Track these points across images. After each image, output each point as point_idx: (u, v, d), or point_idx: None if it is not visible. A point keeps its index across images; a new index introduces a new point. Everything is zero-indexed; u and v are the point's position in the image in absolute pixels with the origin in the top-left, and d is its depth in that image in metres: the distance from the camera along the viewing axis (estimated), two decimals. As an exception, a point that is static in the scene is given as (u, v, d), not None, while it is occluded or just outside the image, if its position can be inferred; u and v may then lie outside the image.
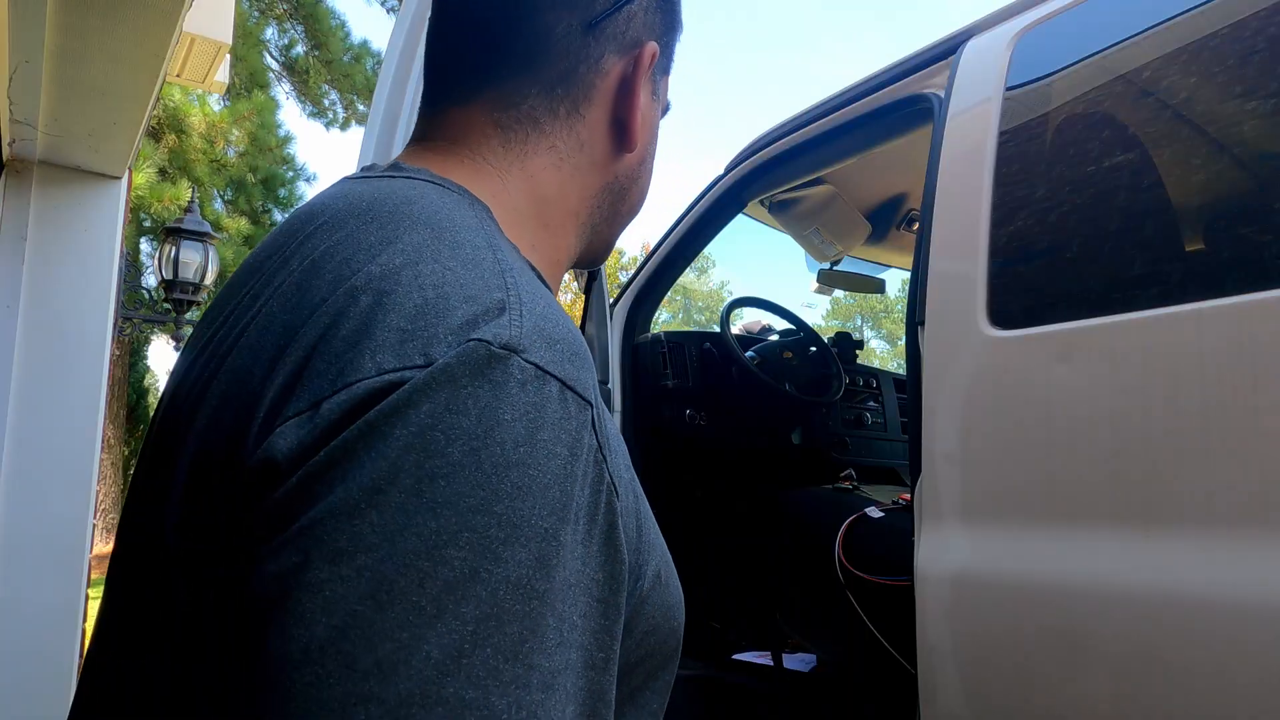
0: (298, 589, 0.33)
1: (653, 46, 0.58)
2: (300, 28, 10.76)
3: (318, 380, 0.37)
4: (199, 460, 0.41)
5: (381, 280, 0.40)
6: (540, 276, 0.49)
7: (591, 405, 0.40)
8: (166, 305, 6.07)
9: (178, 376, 0.49)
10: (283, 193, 10.69)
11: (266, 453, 0.36)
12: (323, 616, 0.32)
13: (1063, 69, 1.31)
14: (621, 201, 0.62)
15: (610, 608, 0.39)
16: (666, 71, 0.63)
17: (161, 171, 8.49)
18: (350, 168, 1.44)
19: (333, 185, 0.53)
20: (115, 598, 0.48)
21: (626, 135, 0.58)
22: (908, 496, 1.68)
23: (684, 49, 0.65)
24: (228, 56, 3.12)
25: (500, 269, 0.43)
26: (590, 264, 0.65)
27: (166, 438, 0.46)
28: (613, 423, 0.54)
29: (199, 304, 6.33)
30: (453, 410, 0.35)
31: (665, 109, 0.65)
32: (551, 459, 0.37)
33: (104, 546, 10.07)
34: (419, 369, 0.36)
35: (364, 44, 11.01)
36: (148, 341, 11.74)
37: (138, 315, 6.19)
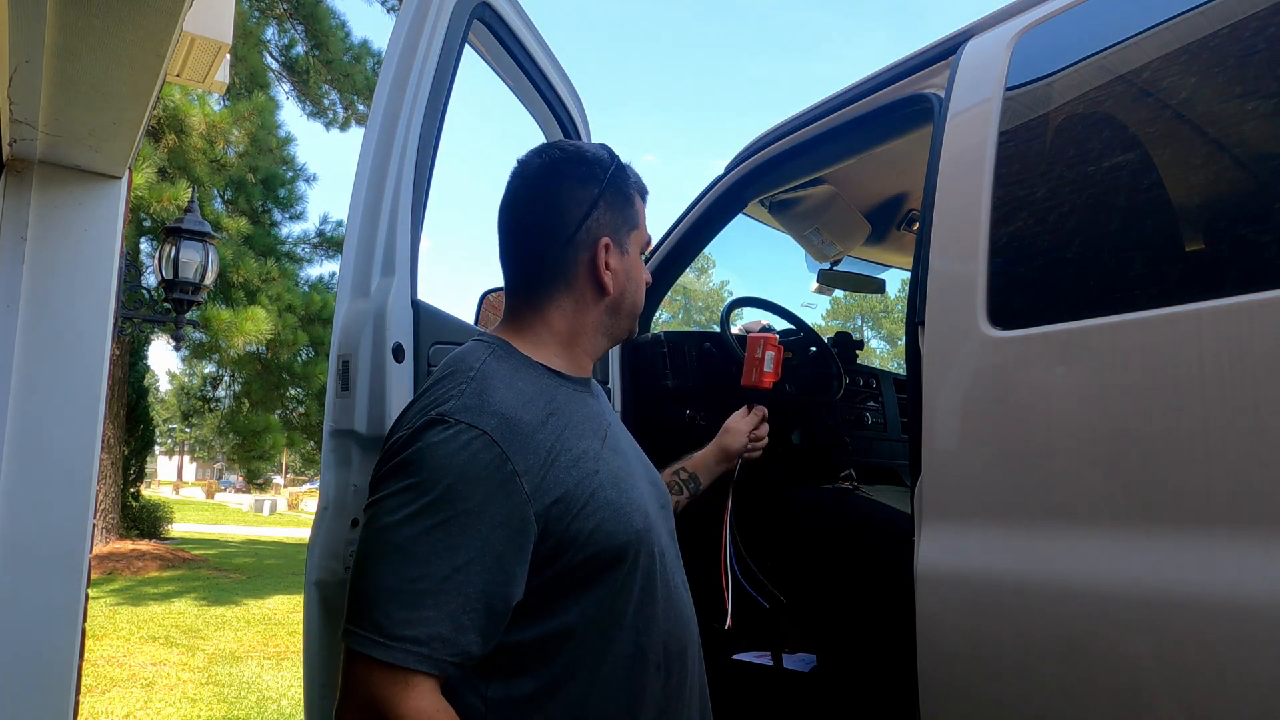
0: (369, 510, 0.94)
1: (605, 240, 1.08)
2: (300, 28, 10.76)
3: (394, 434, 1.00)
4: None
5: (421, 395, 1.01)
6: (549, 367, 1.07)
7: (482, 431, 0.92)
8: (166, 305, 6.07)
9: None
10: (283, 193, 10.67)
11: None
12: (370, 516, 0.93)
13: (1062, 69, 1.31)
14: (617, 312, 1.13)
15: (512, 510, 0.91)
16: (633, 228, 1.13)
17: (161, 171, 8.48)
18: (350, 168, 1.43)
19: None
20: None
21: (601, 288, 1.09)
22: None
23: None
24: (228, 56, 3.12)
25: (466, 381, 0.98)
26: (625, 339, 1.18)
27: None
28: (531, 429, 0.96)
29: (199, 304, 6.33)
30: (418, 441, 0.93)
31: (645, 245, 1.16)
32: (458, 455, 0.91)
33: (103, 546, 10.05)
34: (411, 429, 0.95)
35: (364, 44, 11.01)
36: (148, 341, 11.74)
37: (138, 315, 6.18)
